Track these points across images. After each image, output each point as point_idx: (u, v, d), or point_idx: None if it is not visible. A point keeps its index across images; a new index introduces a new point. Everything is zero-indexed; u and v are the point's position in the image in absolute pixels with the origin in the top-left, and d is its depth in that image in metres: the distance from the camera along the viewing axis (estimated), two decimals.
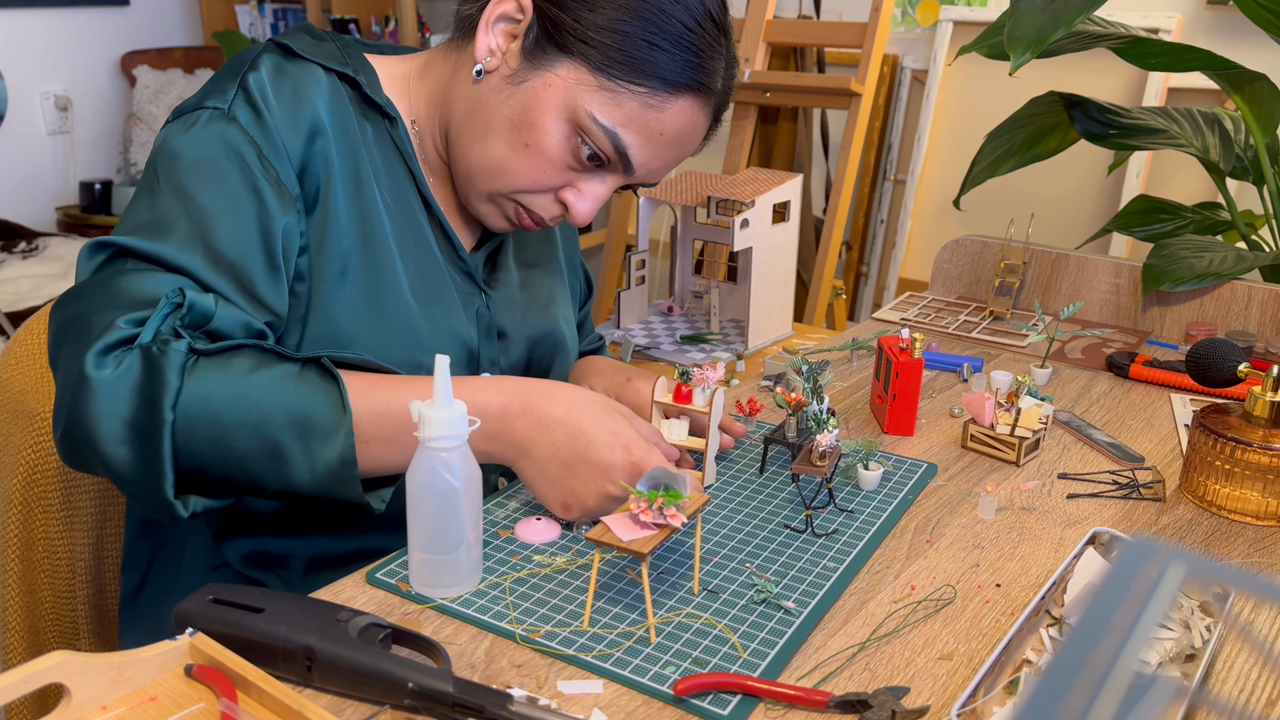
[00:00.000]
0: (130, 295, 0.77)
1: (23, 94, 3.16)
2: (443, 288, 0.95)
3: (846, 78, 2.07)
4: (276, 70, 0.88)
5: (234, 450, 0.76)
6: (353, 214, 0.89)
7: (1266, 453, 0.87)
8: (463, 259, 0.98)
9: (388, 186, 0.93)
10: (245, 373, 0.76)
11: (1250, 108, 1.54)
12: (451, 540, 0.75)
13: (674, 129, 0.89)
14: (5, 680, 0.57)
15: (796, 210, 1.43)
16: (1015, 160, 1.74)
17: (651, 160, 0.90)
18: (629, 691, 0.67)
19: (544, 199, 0.92)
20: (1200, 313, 1.34)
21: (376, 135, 0.93)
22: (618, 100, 0.86)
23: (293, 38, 0.92)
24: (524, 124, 0.88)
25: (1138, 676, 0.27)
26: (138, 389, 0.74)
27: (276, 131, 0.85)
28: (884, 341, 1.08)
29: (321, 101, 0.89)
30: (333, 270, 0.88)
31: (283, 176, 0.85)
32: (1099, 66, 2.28)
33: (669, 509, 0.72)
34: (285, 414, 0.76)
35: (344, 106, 0.91)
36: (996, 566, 0.82)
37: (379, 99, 0.93)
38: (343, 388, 0.77)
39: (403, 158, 0.95)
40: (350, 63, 0.93)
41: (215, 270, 0.81)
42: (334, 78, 0.91)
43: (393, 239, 0.92)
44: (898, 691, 0.67)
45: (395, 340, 0.90)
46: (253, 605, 0.68)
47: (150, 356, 0.74)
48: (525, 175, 0.90)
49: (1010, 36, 1.31)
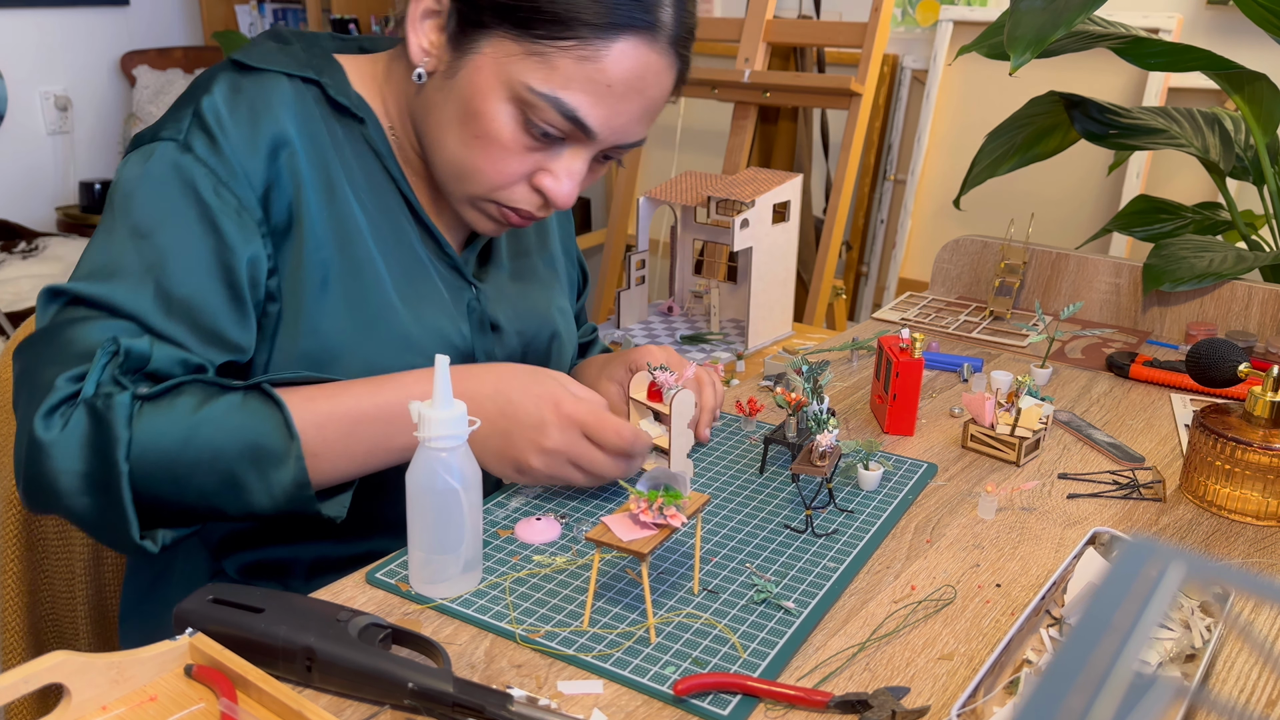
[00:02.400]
0: (73, 348, 0.78)
1: (23, 94, 3.16)
2: (429, 287, 0.94)
3: (846, 78, 2.07)
4: (232, 89, 0.86)
5: (192, 486, 0.78)
6: (328, 222, 0.88)
7: (1267, 453, 0.87)
8: (449, 255, 0.96)
9: (364, 189, 0.91)
10: (192, 410, 0.78)
11: (1250, 108, 1.53)
12: (451, 540, 0.75)
13: (621, 76, 0.82)
14: (5, 680, 0.57)
15: (796, 210, 1.43)
16: (1015, 160, 1.73)
17: (611, 117, 0.84)
18: (629, 691, 0.67)
19: (519, 191, 0.89)
20: (1200, 313, 1.34)
21: (349, 136, 0.91)
22: (549, 62, 0.81)
23: (252, 49, 0.90)
24: (469, 117, 0.85)
25: (1138, 676, 0.27)
26: (89, 444, 0.75)
27: (234, 156, 0.83)
28: (884, 341, 1.08)
29: (284, 112, 0.87)
30: (313, 282, 0.87)
31: (244, 203, 0.84)
32: (1099, 66, 2.28)
33: (669, 509, 0.72)
34: (236, 445, 0.78)
35: (310, 111, 0.89)
36: (997, 566, 0.82)
37: (345, 100, 0.90)
38: (286, 411, 0.79)
39: (378, 158, 0.92)
40: (315, 64, 0.91)
41: (167, 313, 0.81)
42: (298, 83, 0.89)
43: (372, 242, 0.90)
44: (898, 692, 0.67)
45: (384, 345, 0.89)
46: (253, 605, 0.68)
47: (95, 411, 0.75)
48: (489, 171, 0.87)
49: (1010, 36, 1.31)
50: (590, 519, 0.88)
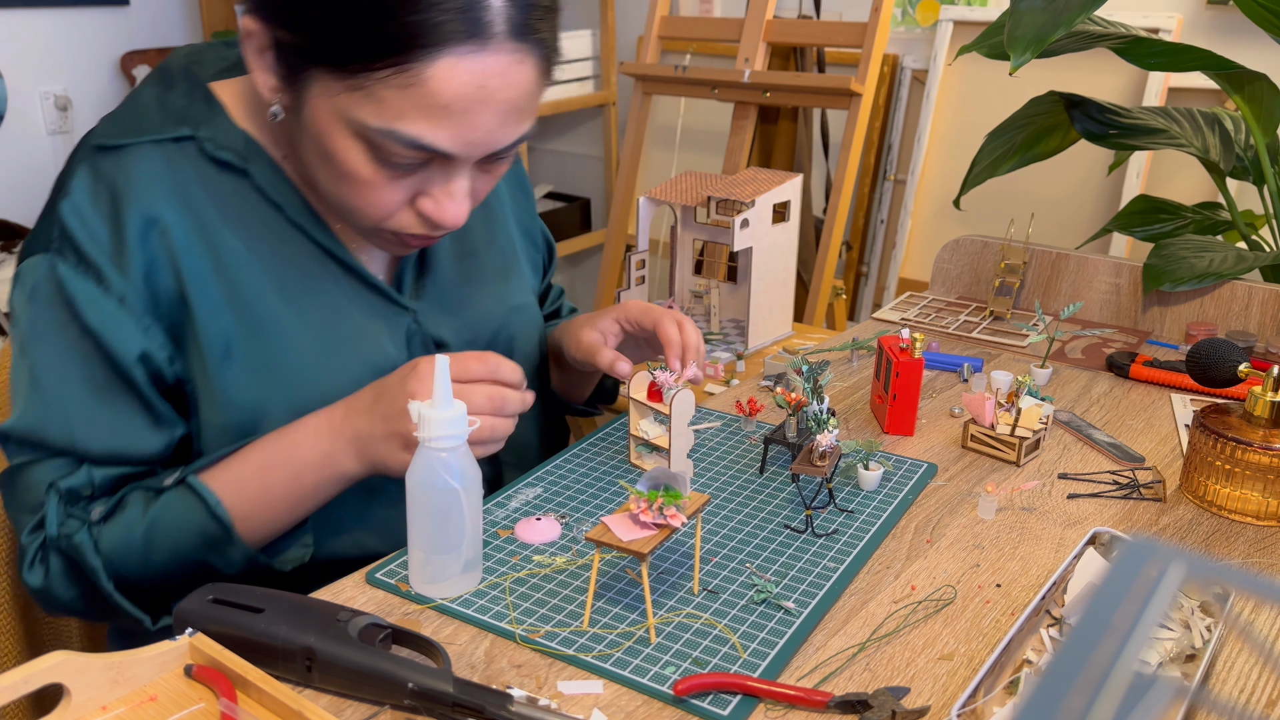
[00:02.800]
0: (28, 497, 0.83)
1: (23, 94, 3.16)
2: (353, 327, 0.89)
3: (846, 78, 2.07)
4: (92, 177, 0.82)
5: (173, 578, 0.84)
6: (219, 291, 0.83)
7: (1267, 453, 0.87)
8: (374, 285, 0.90)
9: (261, 241, 0.85)
10: (140, 519, 0.82)
11: (1250, 107, 1.53)
12: (451, 540, 0.75)
13: (456, 93, 0.74)
14: (5, 680, 0.57)
15: (796, 210, 1.43)
16: (1015, 160, 1.73)
17: (462, 134, 0.76)
18: (629, 692, 0.67)
19: (403, 218, 0.83)
20: (1200, 313, 1.34)
21: (236, 190, 0.85)
22: (374, 95, 0.74)
23: (120, 115, 0.85)
24: (325, 157, 0.79)
25: (1138, 677, 0.27)
26: (73, 579, 0.83)
27: (102, 255, 0.80)
28: (884, 341, 1.08)
29: (150, 189, 0.82)
30: (216, 355, 0.83)
31: (123, 299, 0.80)
32: (1099, 66, 2.28)
33: (669, 509, 0.72)
34: (188, 539, 0.83)
35: (184, 177, 0.83)
36: (997, 567, 0.82)
37: (225, 156, 0.84)
38: (208, 499, 0.82)
39: (275, 207, 0.86)
40: (192, 112, 0.85)
41: (93, 439, 0.82)
42: (169, 146, 0.84)
43: (278, 298, 0.85)
44: (898, 692, 0.66)
45: (303, 401, 0.85)
46: (252, 605, 0.68)
47: (65, 552, 0.82)
48: (363, 207, 0.81)
49: (1010, 36, 1.31)
50: (590, 519, 0.88)
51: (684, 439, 0.93)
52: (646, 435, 0.96)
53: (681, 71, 2.29)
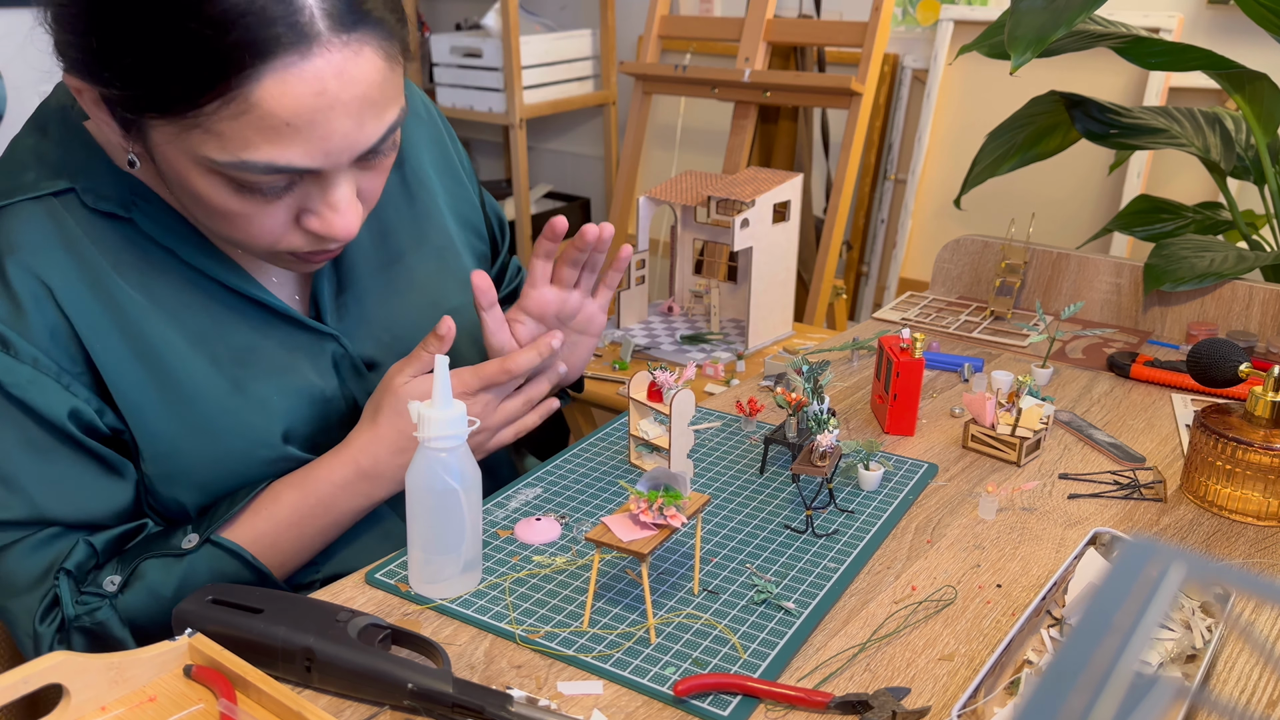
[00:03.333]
0: (19, 580, 0.79)
1: (22, 94, 3.16)
2: (270, 363, 0.86)
3: (847, 77, 2.07)
4: None
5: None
6: (123, 343, 0.80)
7: (1268, 453, 0.87)
8: (288, 315, 0.87)
9: (160, 288, 0.82)
10: (162, 586, 0.81)
11: (1251, 107, 1.53)
12: (451, 540, 0.75)
13: (294, 109, 0.69)
14: (5, 680, 0.57)
15: (797, 210, 1.43)
16: (1016, 160, 1.73)
17: (318, 145, 0.71)
18: (629, 692, 0.67)
19: (294, 239, 0.78)
20: (1201, 312, 1.34)
21: (126, 238, 0.81)
22: (211, 131, 0.69)
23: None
24: (191, 198, 0.75)
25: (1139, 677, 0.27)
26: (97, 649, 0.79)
27: (3, 322, 0.76)
28: (884, 341, 1.08)
29: (34, 249, 0.78)
30: (131, 408, 0.80)
31: (34, 363, 0.77)
32: (1100, 66, 2.28)
33: (669, 509, 0.72)
34: None
35: (68, 231, 0.79)
36: (997, 567, 0.82)
37: (106, 206, 0.80)
38: (244, 554, 0.82)
39: (165, 249, 0.82)
40: (70, 161, 0.80)
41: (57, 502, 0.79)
42: (49, 200, 0.79)
43: (185, 345, 0.82)
44: (898, 692, 0.66)
45: (228, 447, 0.84)
46: (252, 606, 0.68)
47: (89, 631, 0.79)
48: (248, 238, 0.77)
49: (1011, 36, 1.31)
50: (590, 519, 0.87)
51: (684, 439, 0.93)
52: (646, 435, 0.96)
53: (681, 71, 2.29)
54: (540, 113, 2.92)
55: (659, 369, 0.93)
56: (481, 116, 2.91)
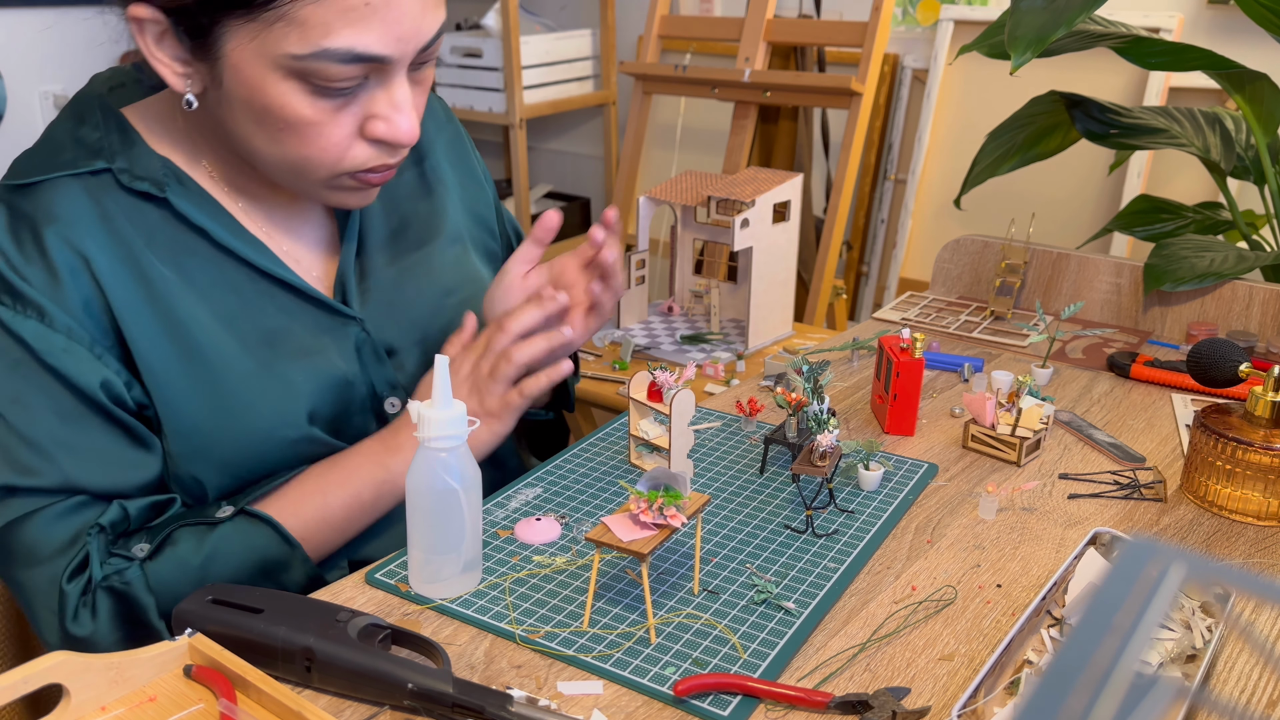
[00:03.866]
0: (46, 547, 0.80)
1: (23, 94, 3.16)
2: (297, 345, 0.87)
3: (847, 77, 2.07)
4: (12, 218, 0.81)
5: None
6: (155, 319, 0.82)
7: (1268, 453, 0.87)
8: (317, 298, 0.89)
9: (192, 268, 0.84)
10: (194, 554, 0.81)
11: (1251, 107, 1.53)
12: (451, 540, 0.75)
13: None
14: (5, 680, 0.57)
15: (797, 210, 1.43)
16: (1016, 160, 1.73)
17: (390, 29, 0.76)
18: (629, 692, 0.67)
19: (357, 153, 0.81)
20: (1201, 312, 1.34)
21: (161, 218, 0.84)
22: (293, 21, 0.73)
23: (34, 153, 0.85)
24: (262, 114, 0.77)
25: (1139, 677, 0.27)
26: (122, 617, 0.80)
27: (37, 293, 0.79)
28: (884, 341, 1.08)
29: (73, 222, 0.81)
30: (159, 384, 0.82)
31: (68, 333, 0.79)
32: (1100, 66, 2.28)
33: (669, 509, 0.72)
34: (246, 569, 0.83)
35: (105, 209, 0.82)
36: (997, 567, 0.82)
37: (143, 186, 0.83)
38: (277, 524, 0.83)
39: (197, 230, 0.85)
40: (107, 144, 0.83)
41: (86, 470, 0.80)
42: (86, 179, 0.82)
43: (215, 324, 0.84)
44: (898, 692, 0.66)
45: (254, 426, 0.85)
46: (252, 605, 0.68)
47: (116, 591, 0.80)
48: (315, 154, 0.80)
49: (1011, 36, 1.31)
50: (590, 519, 0.87)
51: (684, 439, 0.93)
52: (647, 435, 0.96)
53: (681, 71, 2.29)
54: (540, 113, 2.92)
55: (659, 369, 0.93)
56: (481, 116, 2.92)
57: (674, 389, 0.91)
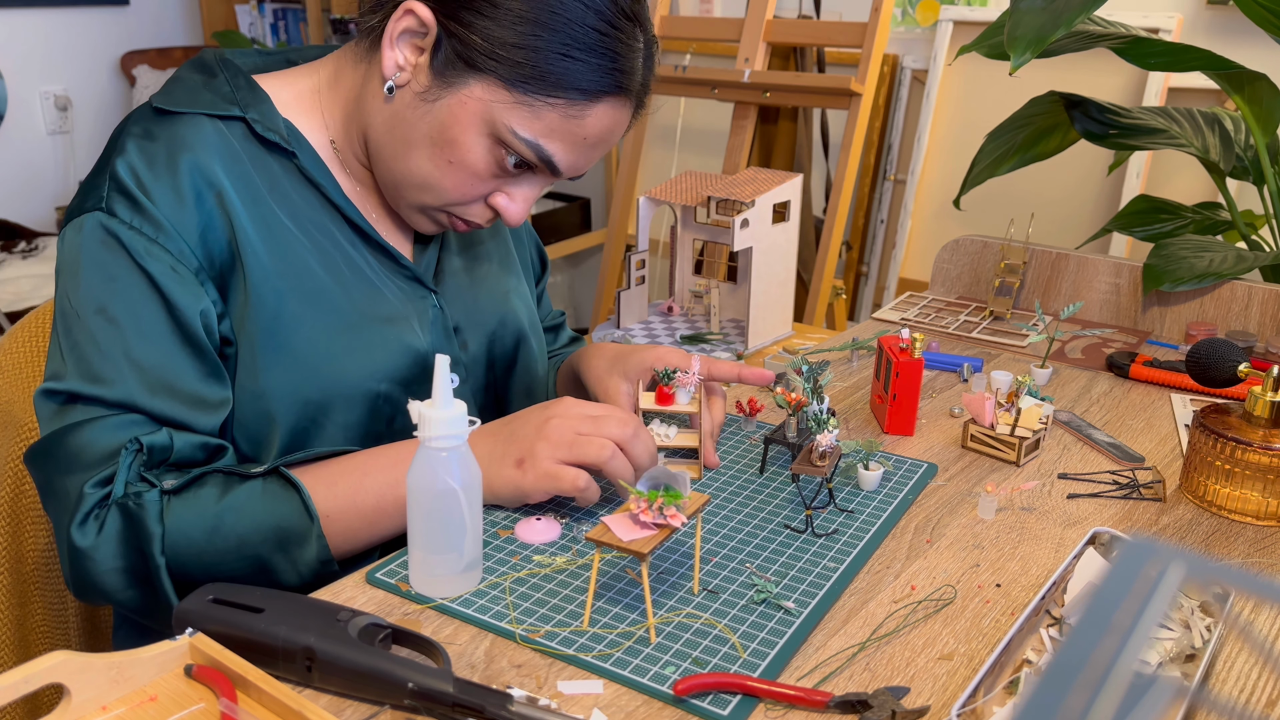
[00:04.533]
0: (89, 454, 0.81)
1: (23, 94, 3.16)
2: (389, 308, 0.93)
3: (846, 78, 2.07)
4: (146, 139, 0.85)
5: (224, 571, 0.82)
6: (271, 258, 0.87)
7: (1267, 453, 0.87)
8: (405, 267, 0.95)
9: (307, 221, 0.90)
10: (216, 501, 0.81)
11: (1250, 108, 1.53)
12: (451, 540, 0.75)
13: (597, 132, 0.87)
14: (5, 680, 0.57)
15: (796, 210, 1.43)
16: (1015, 160, 1.73)
17: (579, 161, 0.89)
18: (629, 691, 0.67)
19: (475, 209, 0.91)
20: (1200, 313, 1.34)
21: (283, 170, 0.90)
22: (537, 114, 0.84)
23: (174, 88, 0.89)
24: (444, 141, 0.86)
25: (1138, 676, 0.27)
26: (126, 541, 0.80)
27: (159, 211, 0.82)
28: (884, 341, 1.08)
29: (207, 153, 0.85)
30: (266, 319, 0.86)
31: (180, 256, 0.83)
32: (1099, 66, 2.28)
33: (669, 509, 0.72)
34: (260, 532, 0.82)
35: (235, 151, 0.87)
36: (997, 566, 0.82)
37: (274, 135, 0.89)
38: (305, 494, 0.82)
39: (315, 187, 0.91)
40: (240, 97, 0.89)
41: (153, 394, 0.82)
42: (219, 123, 0.88)
43: (324, 273, 0.89)
44: (898, 691, 0.67)
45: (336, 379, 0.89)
46: (253, 605, 0.68)
47: (128, 511, 0.80)
48: (452, 190, 0.89)
49: (1010, 36, 1.31)
50: (590, 519, 0.88)
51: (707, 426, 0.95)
52: (668, 439, 0.96)
53: (681, 71, 2.29)
54: None
55: (675, 372, 0.94)
56: None
57: (690, 386, 0.92)
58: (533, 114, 0.84)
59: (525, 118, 0.84)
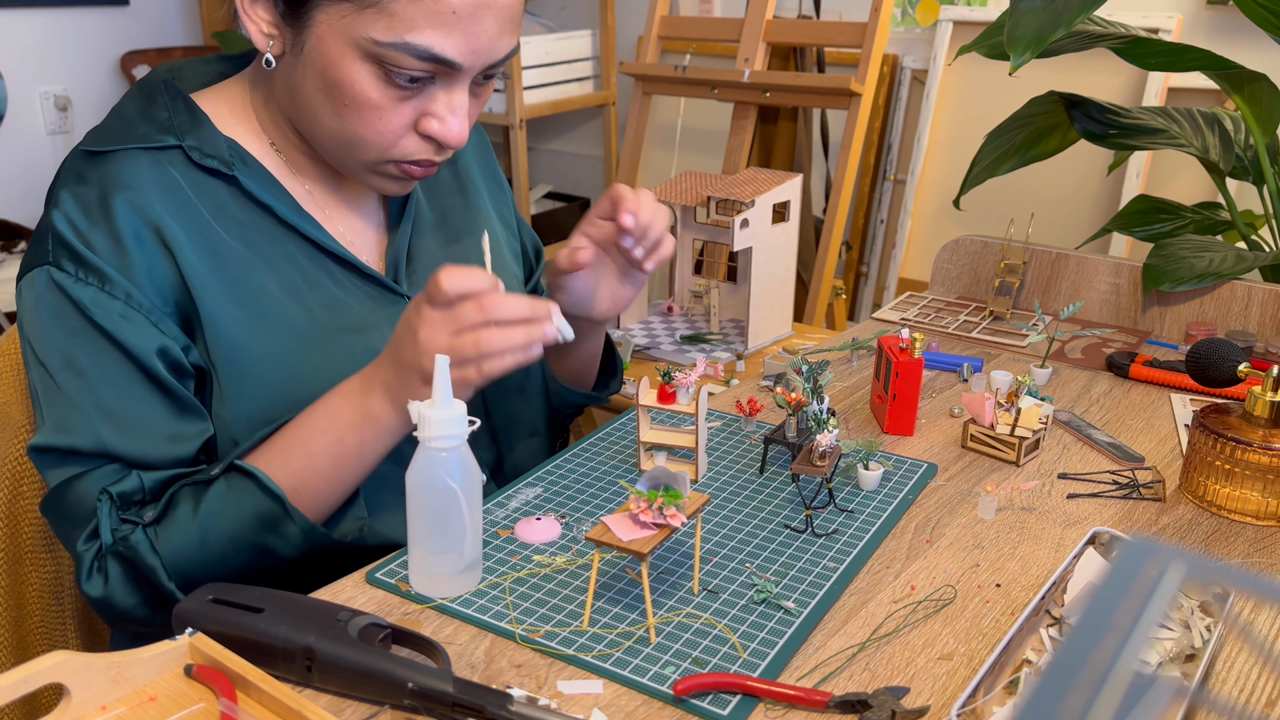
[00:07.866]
0: (79, 511, 0.83)
1: (22, 94, 3.16)
2: (356, 319, 0.91)
3: (846, 78, 2.07)
4: (79, 184, 0.84)
5: (230, 569, 0.84)
6: (223, 285, 0.85)
7: (1266, 453, 0.87)
8: (371, 275, 0.93)
9: (258, 242, 0.88)
10: (192, 516, 0.83)
11: (1250, 108, 1.53)
12: (451, 540, 0.75)
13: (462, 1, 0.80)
14: (5, 680, 0.57)
15: (796, 210, 1.43)
16: (1015, 160, 1.73)
17: (468, 41, 0.81)
18: (629, 691, 0.67)
19: (409, 143, 0.86)
20: (1200, 313, 1.34)
21: (230, 193, 0.88)
22: (384, 10, 0.78)
23: (106, 125, 0.88)
24: (331, 87, 0.82)
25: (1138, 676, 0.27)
26: (133, 580, 0.83)
27: (99, 260, 0.81)
28: (884, 341, 1.08)
29: (143, 191, 0.84)
30: (226, 347, 0.85)
31: (128, 299, 0.82)
32: (1099, 66, 2.28)
33: (669, 509, 0.72)
34: (244, 523, 0.83)
35: (174, 182, 0.86)
36: (996, 566, 0.82)
37: (212, 163, 0.87)
38: (263, 480, 0.82)
39: (263, 207, 0.89)
40: (177, 123, 0.87)
41: (126, 439, 0.83)
42: (156, 154, 0.86)
43: (282, 293, 0.88)
44: (898, 691, 0.67)
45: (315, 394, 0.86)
46: (252, 605, 0.68)
47: (121, 555, 0.82)
48: (370, 135, 0.84)
49: (1010, 36, 1.31)
50: (590, 519, 0.88)
51: (704, 434, 0.94)
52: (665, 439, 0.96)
53: (681, 71, 2.29)
54: (540, 113, 2.92)
55: (676, 371, 0.94)
56: (482, 117, 2.91)
57: (691, 388, 0.92)
58: (382, 12, 0.79)
59: (377, 20, 0.79)
